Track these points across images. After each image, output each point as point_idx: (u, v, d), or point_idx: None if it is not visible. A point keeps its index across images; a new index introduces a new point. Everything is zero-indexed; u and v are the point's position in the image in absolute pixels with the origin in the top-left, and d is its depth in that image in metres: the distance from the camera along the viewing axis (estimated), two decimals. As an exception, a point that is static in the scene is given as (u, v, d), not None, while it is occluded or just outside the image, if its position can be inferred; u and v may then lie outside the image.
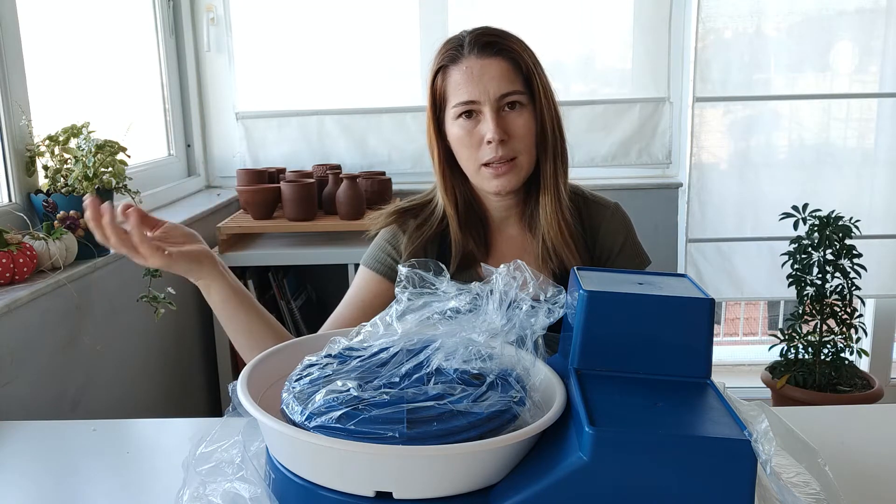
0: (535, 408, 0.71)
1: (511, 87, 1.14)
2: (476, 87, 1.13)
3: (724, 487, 0.61)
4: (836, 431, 1.08)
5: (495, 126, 1.12)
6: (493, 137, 1.12)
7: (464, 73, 1.14)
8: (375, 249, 1.28)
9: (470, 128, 1.15)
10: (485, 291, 0.73)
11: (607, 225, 1.27)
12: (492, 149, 1.14)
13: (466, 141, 1.16)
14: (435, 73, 1.18)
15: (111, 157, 1.63)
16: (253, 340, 1.09)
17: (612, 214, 1.28)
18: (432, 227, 1.24)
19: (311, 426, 0.65)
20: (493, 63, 1.14)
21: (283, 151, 2.76)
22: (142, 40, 2.50)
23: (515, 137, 1.15)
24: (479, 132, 1.15)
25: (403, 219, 1.27)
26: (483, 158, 1.15)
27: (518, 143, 1.15)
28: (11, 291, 1.38)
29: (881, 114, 2.70)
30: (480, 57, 1.14)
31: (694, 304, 0.73)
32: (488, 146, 1.14)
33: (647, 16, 2.68)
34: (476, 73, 1.13)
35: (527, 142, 1.16)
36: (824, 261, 2.48)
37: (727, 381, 0.76)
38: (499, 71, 1.13)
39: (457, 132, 1.17)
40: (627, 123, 2.74)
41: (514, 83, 1.14)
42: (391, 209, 1.29)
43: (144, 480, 1.01)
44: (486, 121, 1.13)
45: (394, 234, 1.27)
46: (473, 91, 1.13)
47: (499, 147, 1.13)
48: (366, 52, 2.69)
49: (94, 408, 1.63)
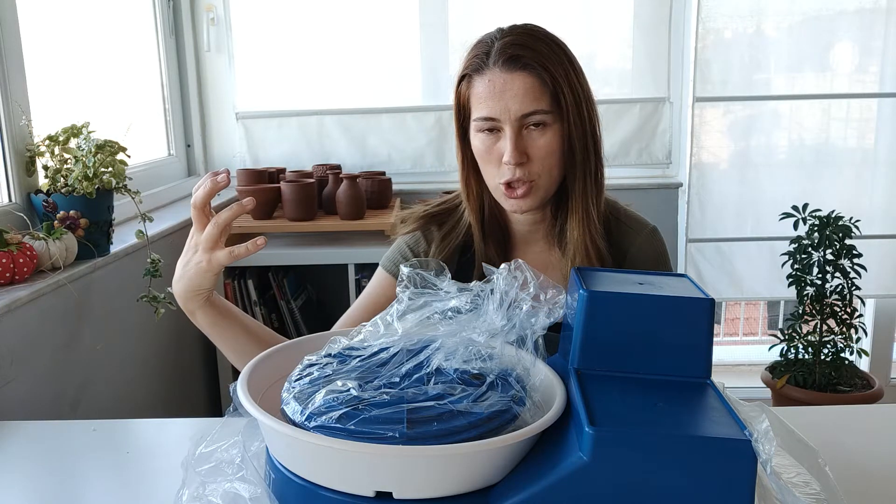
0: (535, 408, 0.71)
1: (534, 107, 1.07)
2: (497, 103, 1.07)
3: (724, 487, 0.61)
4: (836, 431, 1.08)
5: (513, 148, 1.07)
6: (510, 160, 1.07)
7: (486, 86, 1.08)
8: (396, 253, 1.24)
9: (490, 144, 1.10)
10: (485, 291, 0.73)
11: (636, 250, 1.20)
12: (509, 170, 1.09)
13: (486, 157, 1.11)
14: (459, 80, 1.14)
15: (111, 157, 1.63)
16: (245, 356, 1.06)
17: (644, 240, 1.20)
18: (458, 237, 1.20)
19: (311, 426, 0.65)
20: (517, 79, 1.07)
21: (283, 151, 2.76)
22: (142, 40, 2.50)
23: (535, 159, 1.09)
24: (498, 150, 1.09)
25: (429, 225, 1.23)
26: (502, 178, 1.10)
27: (537, 164, 1.09)
28: (11, 291, 1.38)
29: (881, 114, 2.70)
30: (504, 70, 1.07)
31: (694, 304, 0.73)
32: (506, 167, 1.09)
33: (647, 16, 2.68)
34: (498, 88, 1.07)
35: (548, 163, 1.09)
36: (824, 261, 2.48)
37: (727, 381, 0.76)
38: (522, 88, 1.06)
39: (478, 146, 1.12)
40: (627, 123, 2.74)
41: (539, 101, 1.07)
42: (420, 213, 1.24)
43: (144, 480, 1.01)
44: (506, 139, 1.08)
45: (417, 240, 1.23)
46: (495, 108, 1.07)
47: (517, 169, 1.08)
48: (366, 52, 2.69)
49: (94, 408, 1.63)
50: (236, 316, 1.06)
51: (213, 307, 1.02)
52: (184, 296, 0.99)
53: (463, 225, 1.20)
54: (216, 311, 1.02)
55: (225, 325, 1.04)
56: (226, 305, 1.05)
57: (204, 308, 1.01)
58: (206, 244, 0.95)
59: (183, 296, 0.99)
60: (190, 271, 0.96)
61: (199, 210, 0.96)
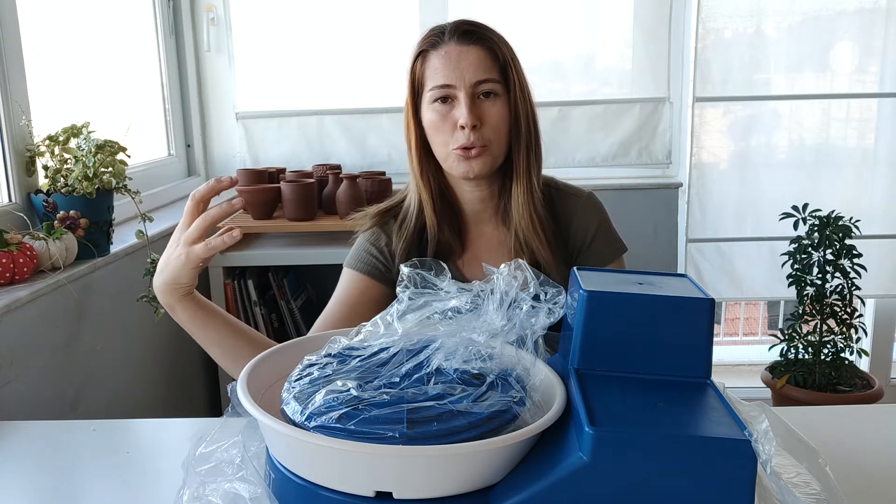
0: (535, 408, 0.71)
1: (487, 75, 1.17)
2: (453, 71, 1.16)
3: (724, 487, 0.61)
4: (836, 431, 1.08)
5: (468, 112, 1.15)
6: (466, 122, 1.15)
7: (442, 57, 1.18)
8: (359, 251, 1.29)
9: (445, 112, 1.18)
10: (485, 291, 0.73)
11: (580, 214, 1.29)
12: (464, 134, 1.16)
13: (440, 126, 1.19)
14: (415, 57, 1.23)
15: (111, 157, 1.63)
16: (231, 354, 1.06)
17: (585, 204, 1.30)
18: (412, 222, 1.27)
19: (311, 426, 0.65)
20: (471, 50, 1.17)
21: (283, 151, 2.76)
22: (142, 40, 2.50)
23: (488, 125, 1.17)
24: (452, 117, 1.17)
25: (385, 219, 1.30)
26: (455, 143, 1.18)
27: (490, 131, 1.18)
28: (11, 291, 1.38)
29: (881, 114, 2.70)
30: (460, 44, 1.18)
31: (694, 304, 0.73)
32: (461, 131, 1.17)
33: (647, 16, 2.68)
34: (454, 58, 1.17)
35: (500, 131, 1.19)
36: (824, 261, 2.48)
37: (727, 381, 0.76)
38: (476, 58, 1.17)
39: (431, 117, 1.20)
40: (627, 123, 2.74)
41: (490, 71, 1.17)
42: (373, 211, 1.32)
43: (144, 480, 1.01)
44: (461, 106, 1.16)
45: (377, 235, 1.29)
46: (450, 75, 1.17)
47: (471, 133, 1.16)
48: (366, 52, 2.69)
49: (94, 408, 1.63)
50: (219, 313, 1.06)
51: (192, 302, 1.02)
52: (162, 289, 1.01)
53: (413, 211, 1.27)
54: (196, 307, 1.03)
55: (207, 321, 1.04)
56: (208, 303, 1.06)
57: (182, 302, 1.02)
58: (189, 238, 0.97)
59: (161, 289, 1.01)
60: (170, 265, 0.98)
61: (196, 203, 0.99)
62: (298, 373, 0.74)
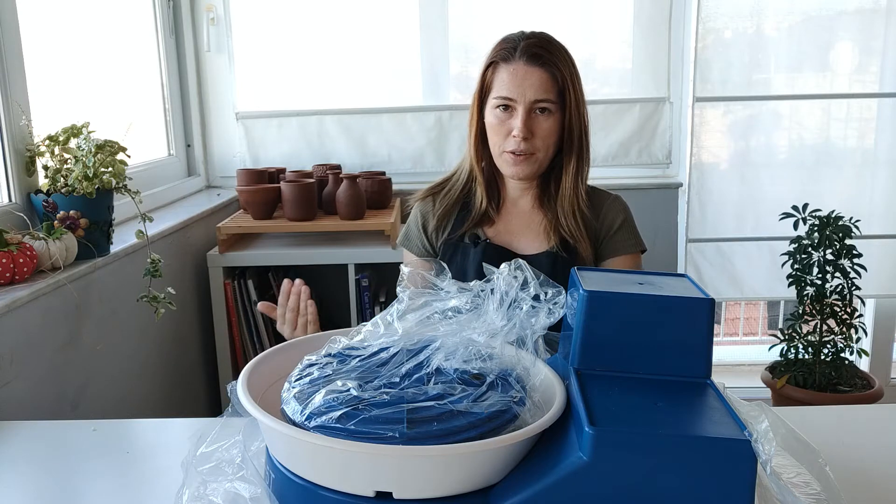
0: (535, 408, 0.71)
1: (545, 96, 1.35)
2: (517, 88, 1.35)
3: (724, 487, 0.61)
4: (836, 431, 1.08)
5: (523, 125, 1.34)
6: (519, 133, 1.35)
7: (510, 73, 1.36)
8: (408, 230, 1.53)
9: (504, 118, 1.37)
10: (485, 291, 0.73)
11: (608, 208, 1.47)
12: (516, 141, 1.35)
13: (498, 129, 1.38)
14: (487, 65, 1.40)
15: (111, 157, 1.62)
16: None
17: (613, 201, 1.49)
18: (455, 193, 1.48)
19: (311, 426, 0.65)
20: (535, 72, 1.34)
21: (283, 151, 2.76)
22: (142, 40, 2.50)
23: (538, 137, 1.36)
24: (509, 125, 1.37)
25: (436, 191, 1.51)
26: (508, 147, 1.37)
27: (539, 141, 1.37)
28: (11, 291, 1.38)
29: (881, 114, 2.70)
30: (527, 64, 1.35)
31: (694, 304, 0.73)
32: (513, 138, 1.36)
33: (647, 16, 2.68)
34: (520, 76, 1.35)
35: (548, 142, 1.37)
36: (824, 261, 2.48)
37: (727, 381, 0.76)
38: (539, 80, 1.34)
39: (492, 119, 1.39)
40: (627, 123, 2.74)
41: (549, 93, 1.35)
42: (427, 187, 1.53)
43: (144, 480, 1.01)
44: (517, 118, 1.35)
45: (424, 213, 1.51)
46: (514, 91, 1.35)
47: (521, 142, 1.35)
48: (366, 52, 2.69)
49: (94, 408, 1.63)
50: None
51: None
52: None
53: (459, 183, 1.49)
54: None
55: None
56: None
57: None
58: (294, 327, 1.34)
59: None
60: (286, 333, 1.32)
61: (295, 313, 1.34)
62: (298, 373, 0.74)
